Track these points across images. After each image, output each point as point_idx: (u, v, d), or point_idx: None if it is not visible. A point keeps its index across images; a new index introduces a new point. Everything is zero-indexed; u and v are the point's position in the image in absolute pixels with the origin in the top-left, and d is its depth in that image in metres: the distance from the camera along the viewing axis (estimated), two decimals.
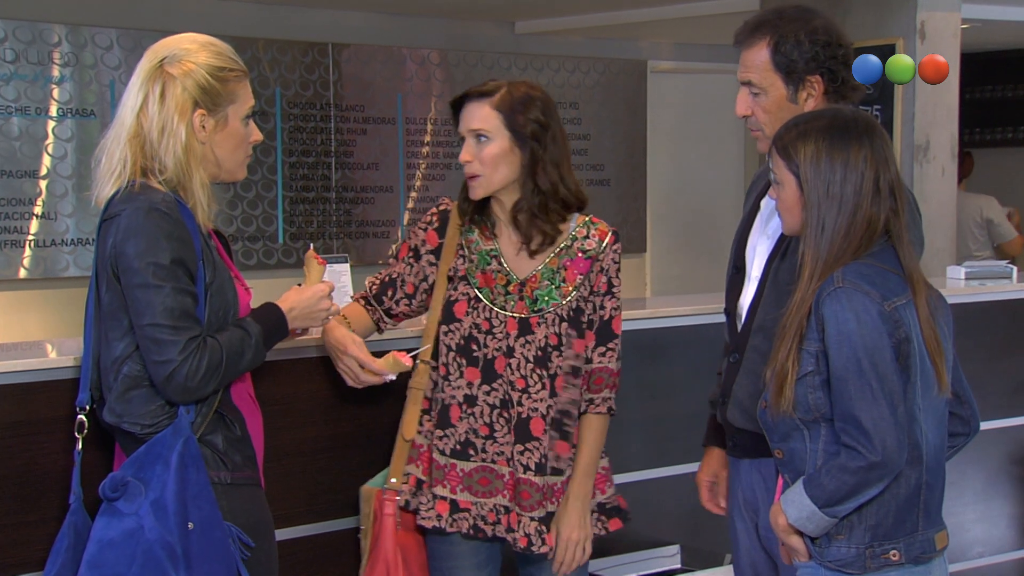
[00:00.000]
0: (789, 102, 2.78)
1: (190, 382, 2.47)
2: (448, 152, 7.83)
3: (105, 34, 6.65)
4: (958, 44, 6.31)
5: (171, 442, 2.49)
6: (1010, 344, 4.28)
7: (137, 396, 2.52)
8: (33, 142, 6.48)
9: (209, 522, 2.49)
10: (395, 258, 3.05)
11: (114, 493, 2.47)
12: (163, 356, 2.46)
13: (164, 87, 2.57)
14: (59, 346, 3.16)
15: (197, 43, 2.64)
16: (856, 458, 2.34)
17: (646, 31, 8.33)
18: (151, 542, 2.44)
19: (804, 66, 2.76)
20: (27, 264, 6.51)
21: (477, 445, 2.90)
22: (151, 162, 2.55)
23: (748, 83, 2.82)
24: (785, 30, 2.77)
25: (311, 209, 7.35)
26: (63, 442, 2.77)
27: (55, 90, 6.52)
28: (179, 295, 2.48)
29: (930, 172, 6.34)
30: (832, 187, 2.40)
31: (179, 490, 2.47)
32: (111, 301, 2.54)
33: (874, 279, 2.38)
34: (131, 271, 2.47)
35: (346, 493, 3.14)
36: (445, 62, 7.85)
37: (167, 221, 2.49)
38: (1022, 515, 4.40)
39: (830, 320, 2.35)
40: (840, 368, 2.35)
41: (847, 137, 2.42)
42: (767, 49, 2.78)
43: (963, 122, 6.75)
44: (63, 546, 2.55)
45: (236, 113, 2.62)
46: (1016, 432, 4.32)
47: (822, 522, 2.39)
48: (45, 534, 2.75)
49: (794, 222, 2.49)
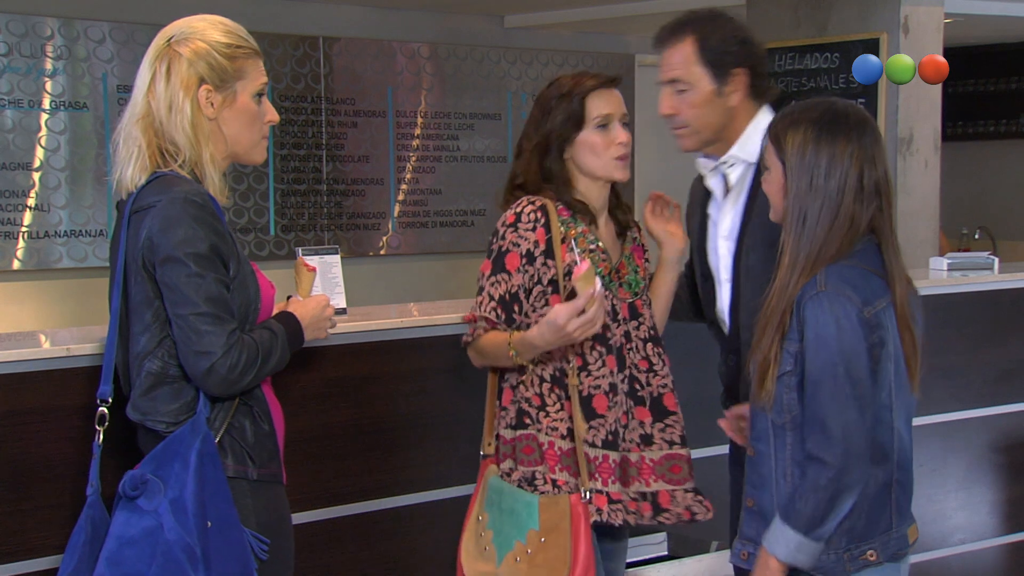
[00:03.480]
0: (716, 96, 2.82)
1: (231, 375, 2.43)
2: (438, 145, 7.87)
3: (98, 27, 6.68)
4: (941, 38, 6.34)
5: (190, 440, 2.44)
6: (992, 334, 4.33)
7: (161, 394, 2.48)
8: (26, 134, 6.51)
9: (226, 520, 2.45)
10: (500, 271, 2.83)
11: (134, 491, 2.43)
12: (205, 347, 2.41)
13: (170, 65, 2.53)
14: (52, 337, 3.17)
15: (206, 21, 2.61)
16: (822, 470, 2.33)
17: (634, 25, 8.36)
18: (171, 542, 2.40)
19: (731, 59, 2.81)
20: (21, 256, 6.54)
21: (621, 434, 2.85)
22: (164, 143, 2.52)
23: (673, 81, 2.85)
24: (708, 27, 2.84)
25: (302, 201, 7.39)
26: (56, 432, 2.81)
27: (48, 83, 6.55)
28: (219, 286, 2.44)
29: (913, 165, 6.39)
30: (815, 179, 2.38)
31: (198, 489, 2.42)
32: (137, 294, 2.48)
33: (856, 282, 2.37)
34: (171, 261, 2.42)
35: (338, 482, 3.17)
36: (435, 56, 7.88)
37: (203, 211, 2.45)
38: (1003, 502, 4.45)
39: (810, 323, 2.35)
40: (816, 371, 2.34)
41: (836, 130, 2.39)
42: (692, 45, 2.84)
43: (946, 116, 6.81)
44: (80, 541, 2.50)
45: (245, 89, 2.58)
46: (997, 420, 4.36)
47: (811, 549, 2.37)
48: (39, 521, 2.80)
49: (778, 211, 2.49)
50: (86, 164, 6.69)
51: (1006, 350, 4.34)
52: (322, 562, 3.20)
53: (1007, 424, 4.40)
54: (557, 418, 2.82)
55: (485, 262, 2.85)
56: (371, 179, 7.65)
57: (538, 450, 2.82)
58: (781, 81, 6.84)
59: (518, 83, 8.23)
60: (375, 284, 7.31)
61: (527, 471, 2.82)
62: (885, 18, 6.29)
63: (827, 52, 6.61)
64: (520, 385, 2.85)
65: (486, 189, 8.07)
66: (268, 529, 2.54)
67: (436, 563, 3.33)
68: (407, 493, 3.34)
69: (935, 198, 6.53)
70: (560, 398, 2.83)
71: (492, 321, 2.82)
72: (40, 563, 2.82)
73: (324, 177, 7.47)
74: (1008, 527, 4.45)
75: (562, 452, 2.81)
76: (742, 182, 2.88)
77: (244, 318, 2.52)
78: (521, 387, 2.85)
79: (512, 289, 2.82)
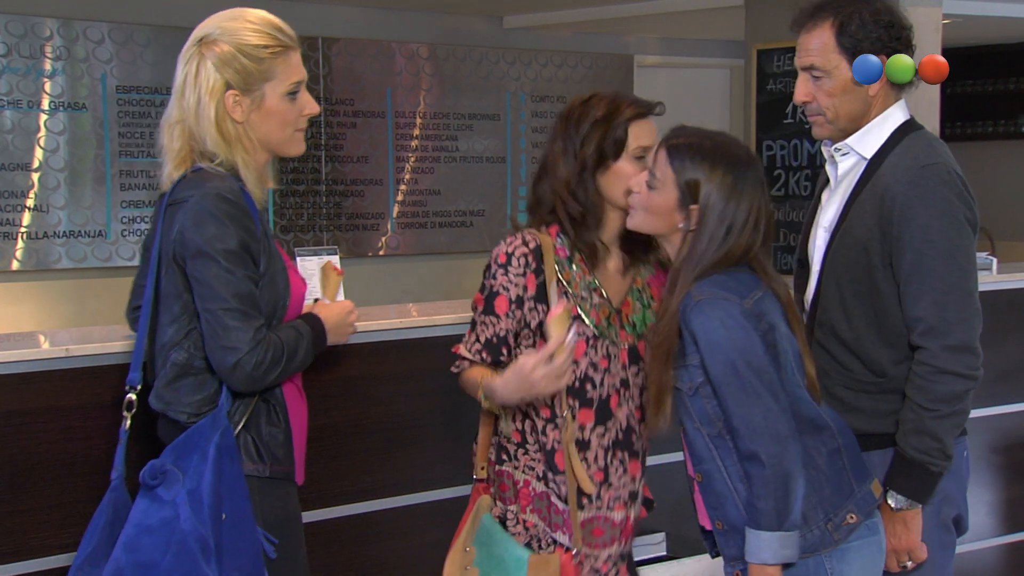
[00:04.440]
0: (854, 84, 2.70)
1: (256, 371, 2.44)
2: (437, 145, 7.88)
3: (97, 28, 6.69)
4: (939, 39, 6.35)
5: (209, 433, 2.45)
6: (989, 335, 4.30)
7: (185, 385, 2.50)
8: (25, 135, 6.52)
9: (241, 515, 2.46)
10: (489, 313, 2.71)
11: (154, 480, 2.44)
12: (232, 343, 2.42)
13: (198, 68, 2.52)
14: (51, 337, 3.18)
15: (237, 20, 2.55)
16: (763, 466, 2.38)
17: (632, 26, 8.37)
18: (185, 533, 2.41)
19: (870, 47, 2.67)
20: (20, 256, 6.55)
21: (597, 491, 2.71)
22: (197, 145, 2.52)
23: (810, 68, 2.73)
24: (849, 10, 2.69)
25: (301, 202, 7.39)
26: (56, 432, 2.81)
27: (47, 83, 6.56)
28: (248, 282, 2.45)
29: None
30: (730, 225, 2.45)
31: (215, 482, 2.43)
32: (167, 286, 2.50)
33: (727, 283, 2.44)
34: (201, 256, 2.43)
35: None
36: (434, 56, 7.89)
37: (234, 208, 2.45)
38: (1001, 502, 4.45)
39: (699, 332, 2.41)
40: (719, 375, 2.40)
41: (746, 170, 2.48)
42: (831, 30, 2.70)
43: (944, 116, 6.81)
44: (100, 523, 2.52)
45: (275, 90, 2.55)
46: (996, 421, 4.37)
47: (791, 540, 2.41)
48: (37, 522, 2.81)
49: (650, 226, 2.54)
50: (85, 165, 6.69)
51: (1004, 351, 4.35)
52: (321, 562, 3.21)
53: (1005, 424, 4.40)
54: (536, 458, 2.71)
55: (478, 295, 2.74)
56: (370, 180, 7.66)
57: (512, 488, 2.73)
58: (780, 82, 6.84)
59: (517, 84, 8.23)
60: (374, 285, 7.31)
61: (503, 509, 2.74)
62: None
63: None
64: (500, 419, 2.75)
65: (485, 190, 8.07)
66: (275, 528, 2.54)
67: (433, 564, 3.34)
68: (407, 493, 3.35)
69: None
70: (537, 439, 2.71)
71: (474, 359, 2.72)
72: (40, 563, 2.82)
73: (323, 178, 7.48)
74: (1006, 527, 4.46)
75: (535, 494, 2.71)
76: (851, 175, 2.78)
77: (272, 314, 2.53)
78: (501, 421, 2.75)
79: (500, 332, 2.69)
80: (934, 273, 2.60)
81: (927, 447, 2.61)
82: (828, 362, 2.74)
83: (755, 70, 6.95)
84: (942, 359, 2.59)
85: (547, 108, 8.30)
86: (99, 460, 2.84)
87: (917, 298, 2.61)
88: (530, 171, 8.24)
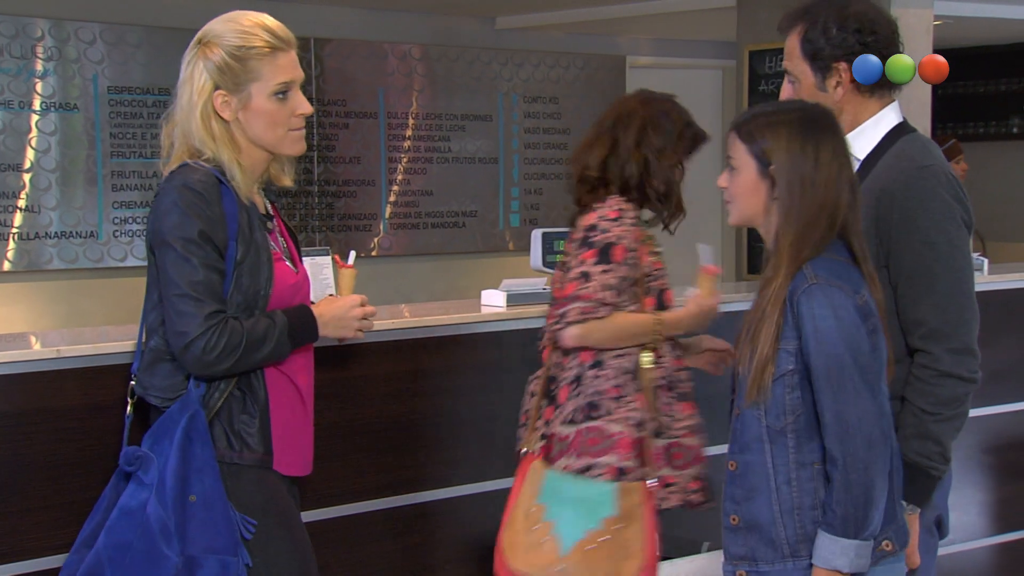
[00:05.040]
0: (818, 91, 2.71)
1: (206, 356, 2.50)
2: (429, 146, 7.87)
3: (88, 28, 6.67)
4: (931, 40, 6.37)
5: (177, 417, 2.53)
6: (981, 335, 4.35)
7: (160, 369, 2.58)
8: (17, 136, 6.50)
9: (212, 495, 2.52)
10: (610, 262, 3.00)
11: (130, 466, 2.53)
12: (183, 327, 2.50)
13: (193, 68, 2.63)
14: (43, 338, 3.18)
15: (229, 23, 2.64)
16: (846, 470, 2.31)
17: (625, 26, 8.38)
18: (148, 515, 2.49)
19: (829, 53, 2.69)
20: (11, 257, 6.53)
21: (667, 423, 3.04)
22: (191, 141, 2.61)
23: (787, 71, 2.78)
24: (816, 17, 2.71)
25: (293, 202, 7.39)
26: (47, 433, 2.82)
27: (38, 84, 6.54)
28: (206, 270, 2.52)
29: None
30: (805, 176, 2.39)
31: (179, 465, 2.50)
32: (149, 275, 2.62)
33: (841, 273, 2.38)
34: (163, 245, 2.53)
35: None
36: (426, 57, 7.89)
37: (198, 198, 2.53)
38: (992, 502, 4.46)
39: (807, 317, 2.33)
40: (822, 365, 2.33)
41: (818, 130, 2.42)
42: (798, 37, 2.73)
43: (936, 117, 6.83)
44: (102, 506, 2.61)
45: (261, 91, 2.62)
46: (986, 421, 4.38)
47: (867, 550, 2.34)
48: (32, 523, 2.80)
49: (746, 210, 2.48)
50: (76, 165, 6.68)
51: (995, 351, 4.35)
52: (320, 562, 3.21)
53: (997, 425, 4.41)
54: (632, 408, 2.98)
55: (588, 251, 2.98)
56: (362, 180, 7.65)
57: (606, 440, 2.96)
58: (772, 83, 6.85)
59: (509, 84, 8.23)
60: (366, 285, 7.26)
61: (591, 462, 2.95)
62: None
63: None
64: (593, 379, 2.99)
65: (477, 190, 8.07)
66: (252, 511, 2.58)
67: (431, 563, 3.34)
68: (403, 494, 3.35)
69: None
70: (635, 389, 2.99)
71: (610, 305, 2.96)
72: (33, 564, 2.82)
73: (315, 178, 7.47)
74: (998, 527, 4.47)
75: (633, 441, 2.96)
76: None
77: (252, 303, 2.58)
78: (596, 381, 2.99)
79: (621, 276, 2.99)
80: (934, 275, 2.59)
81: (929, 451, 2.59)
82: None
83: (747, 71, 6.96)
84: (945, 362, 2.57)
85: (539, 109, 8.30)
86: (92, 461, 2.85)
87: (917, 301, 2.60)
88: (523, 172, 8.25)
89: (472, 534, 3.45)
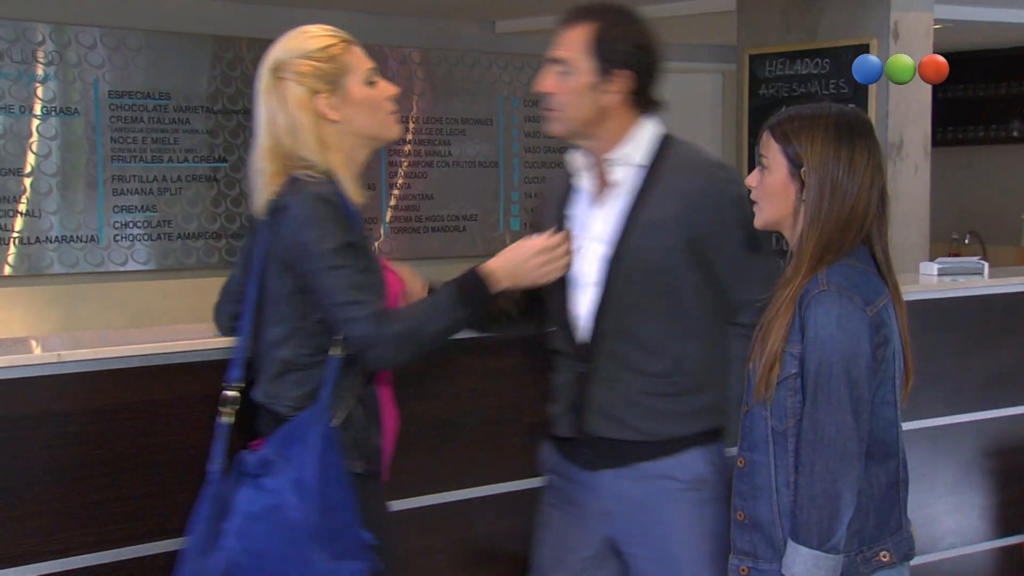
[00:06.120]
0: (592, 90, 2.75)
1: (386, 352, 2.53)
2: (429, 150, 7.88)
3: (89, 33, 6.68)
4: (930, 44, 6.37)
5: (312, 425, 2.54)
6: (981, 339, 4.35)
7: (288, 380, 2.59)
8: (17, 140, 6.51)
9: (344, 506, 2.54)
10: None
11: (260, 470, 2.53)
12: (355, 332, 2.52)
13: (280, 93, 2.64)
14: (43, 343, 3.17)
15: (297, 37, 2.71)
16: (814, 479, 2.32)
17: None
18: (295, 522, 2.49)
19: (619, 59, 2.74)
20: (12, 261, 6.54)
21: None
22: (296, 162, 2.61)
23: (559, 60, 2.79)
24: (613, 20, 2.78)
25: None
26: (47, 438, 2.80)
27: (39, 88, 6.55)
28: (360, 273, 2.54)
29: (903, 170, 6.42)
30: (837, 179, 2.38)
31: (321, 471, 2.51)
32: (278, 288, 2.60)
33: (857, 281, 2.36)
34: (312, 257, 2.53)
35: None
36: (426, 61, 7.89)
37: (334, 209, 2.56)
38: (993, 507, 4.46)
39: (810, 324, 2.34)
40: (813, 372, 2.33)
41: (853, 135, 2.41)
42: (590, 32, 2.76)
43: (936, 121, 6.83)
44: (206, 515, 2.59)
45: (355, 80, 2.68)
46: (987, 425, 4.37)
47: (830, 563, 2.33)
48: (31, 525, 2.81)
49: (774, 212, 2.47)
50: (77, 170, 6.69)
51: (996, 355, 4.36)
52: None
53: (997, 429, 4.41)
54: None
55: None
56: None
57: None
58: (772, 86, 6.86)
59: (509, 88, 8.24)
60: None
61: None
62: (875, 24, 6.31)
63: (817, 57, 6.63)
64: None
65: (478, 194, 8.08)
66: (371, 524, 2.60)
67: (432, 566, 3.34)
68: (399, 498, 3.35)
69: (925, 203, 6.56)
70: None
71: None
72: (32, 569, 2.82)
73: None
74: (998, 531, 4.47)
75: None
76: (625, 184, 2.81)
77: None
78: None
79: None
80: (756, 255, 2.75)
81: None
82: (623, 371, 2.76)
83: (747, 75, 6.97)
84: None
85: (539, 113, 8.27)
86: (91, 465, 2.85)
87: (746, 281, 2.73)
88: (523, 176, 8.26)
89: (474, 537, 3.45)
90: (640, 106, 2.80)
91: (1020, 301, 4.41)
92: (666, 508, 2.77)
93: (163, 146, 6.91)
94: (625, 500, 2.79)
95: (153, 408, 2.92)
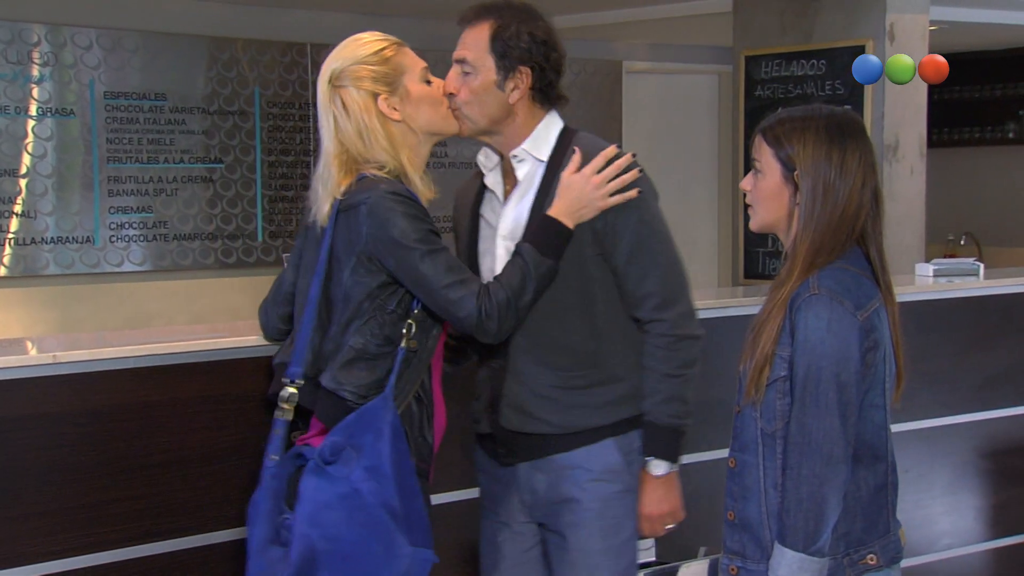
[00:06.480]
0: (496, 88, 2.79)
1: (492, 324, 2.60)
2: None
3: (84, 34, 6.68)
4: (926, 46, 6.38)
5: (383, 413, 2.59)
6: (977, 340, 4.35)
7: (358, 367, 2.63)
8: (13, 141, 6.50)
9: (415, 494, 2.60)
10: None
11: (332, 457, 2.56)
12: (462, 312, 2.60)
13: (343, 101, 2.71)
14: (38, 344, 3.17)
15: (350, 45, 2.81)
16: (800, 483, 2.32)
17: (621, 32, 8.38)
18: (373, 506, 2.54)
19: (518, 55, 2.78)
20: (7, 262, 6.53)
21: None
22: (365, 166, 2.67)
23: (462, 61, 2.83)
24: (509, 18, 2.80)
25: (290, 207, 7.39)
26: (43, 439, 2.81)
27: (35, 89, 6.54)
28: (448, 254, 2.63)
29: (899, 171, 6.43)
30: (828, 181, 2.39)
31: (396, 458, 2.56)
32: (355, 284, 2.63)
33: (849, 285, 2.36)
34: (402, 250, 2.59)
35: None
36: (425, 61, 7.88)
37: (411, 205, 2.63)
38: (989, 507, 4.47)
39: (800, 327, 2.34)
40: (801, 374, 2.33)
41: (844, 137, 2.41)
42: (488, 31, 2.81)
43: (932, 122, 6.84)
44: (267, 508, 2.64)
45: (412, 79, 2.77)
46: (983, 426, 4.38)
47: (814, 566, 2.34)
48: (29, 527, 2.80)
49: (768, 215, 2.47)
50: (73, 171, 6.68)
51: (992, 356, 4.36)
52: None
53: (993, 429, 4.42)
54: None
55: None
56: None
57: None
58: (768, 88, 6.87)
59: None
60: None
61: None
62: (870, 25, 6.32)
63: (813, 59, 6.64)
64: None
65: None
66: None
67: None
68: None
69: (921, 204, 6.57)
70: None
71: None
72: (29, 571, 2.82)
73: None
74: (994, 532, 4.47)
75: None
76: (530, 180, 2.84)
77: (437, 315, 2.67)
78: None
79: None
80: (655, 251, 2.77)
81: (679, 411, 2.79)
82: (534, 365, 2.79)
83: (743, 76, 6.98)
84: (680, 326, 2.78)
85: None
86: (87, 467, 2.85)
87: (643, 276, 2.76)
88: None
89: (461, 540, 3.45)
90: (544, 101, 2.85)
91: (1015, 302, 4.42)
92: (577, 498, 2.81)
93: (159, 147, 6.91)
94: (539, 492, 2.83)
95: (149, 409, 2.92)
